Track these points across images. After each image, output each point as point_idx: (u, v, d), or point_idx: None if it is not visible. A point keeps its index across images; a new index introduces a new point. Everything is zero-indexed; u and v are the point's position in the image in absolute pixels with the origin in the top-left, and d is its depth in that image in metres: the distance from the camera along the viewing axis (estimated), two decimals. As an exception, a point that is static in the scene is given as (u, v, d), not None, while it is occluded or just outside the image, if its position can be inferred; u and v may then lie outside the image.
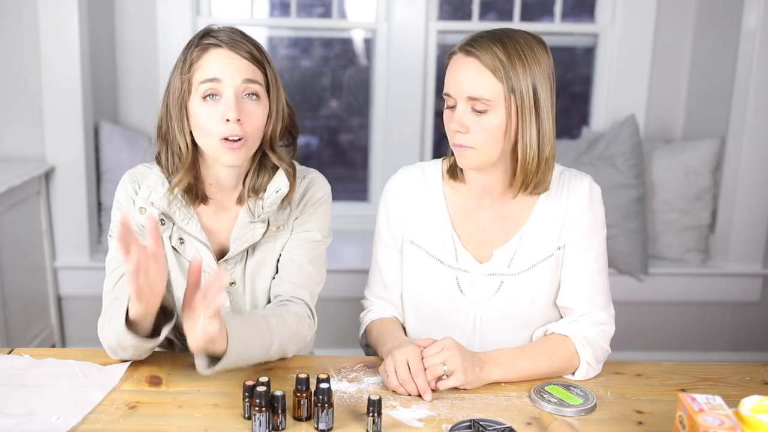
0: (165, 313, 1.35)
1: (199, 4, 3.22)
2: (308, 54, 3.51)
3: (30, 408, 1.26)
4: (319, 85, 3.49)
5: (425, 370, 1.34)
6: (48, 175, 2.93)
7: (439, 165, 1.60)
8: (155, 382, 1.38)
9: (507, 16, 3.35)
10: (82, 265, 3.00)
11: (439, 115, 3.33)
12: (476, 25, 3.31)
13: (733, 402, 1.09)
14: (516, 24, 3.30)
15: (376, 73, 3.33)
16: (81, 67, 2.85)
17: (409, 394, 1.34)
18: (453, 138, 1.44)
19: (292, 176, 1.50)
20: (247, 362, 1.37)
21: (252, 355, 1.37)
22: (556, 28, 3.36)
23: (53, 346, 2.99)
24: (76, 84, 2.85)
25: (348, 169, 3.60)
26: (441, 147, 3.37)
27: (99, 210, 3.11)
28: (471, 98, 1.40)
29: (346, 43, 3.47)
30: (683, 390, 1.41)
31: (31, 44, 2.85)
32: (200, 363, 1.29)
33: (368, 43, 3.38)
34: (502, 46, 1.40)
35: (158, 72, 3.19)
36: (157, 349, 1.54)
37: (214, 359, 1.31)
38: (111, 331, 1.36)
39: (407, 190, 1.59)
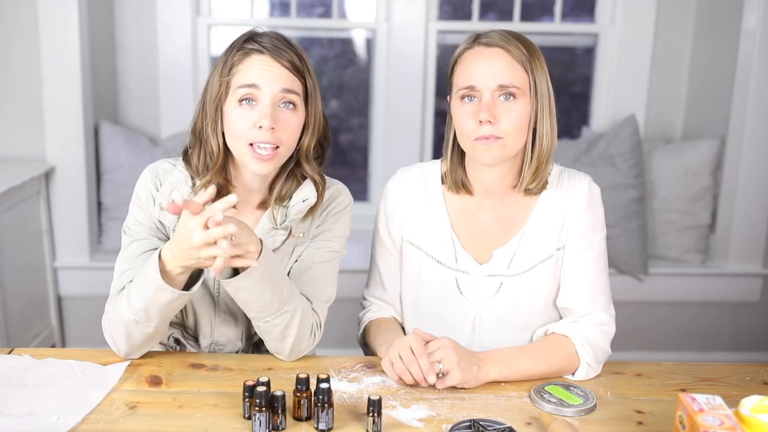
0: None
1: (199, 4, 3.22)
2: (308, 54, 3.50)
3: (30, 408, 1.26)
4: (319, 85, 3.48)
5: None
6: (48, 175, 2.93)
7: (438, 166, 1.60)
8: (155, 382, 1.38)
9: (507, 16, 3.35)
10: (82, 265, 3.00)
11: (439, 115, 3.33)
12: (476, 25, 3.31)
13: (733, 402, 1.09)
14: (516, 24, 3.30)
15: (376, 73, 3.33)
16: (81, 67, 2.85)
17: (413, 382, 1.34)
18: (478, 131, 1.42)
19: (321, 187, 1.49)
20: (269, 288, 1.38)
21: (275, 285, 1.38)
22: (556, 28, 3.35)
23: (53, 346, 2.99)
24: (76, 84, 2.85)
25: (348, 169, 3.60)
26: (441, 147, 3.36)
27: (99, 210, 3.11)
28: (502, 86, 1.41)
29: (346, 43, 3.47)
30: (683, 390, 1.41)
31: (31, 44, 2.85)
32: (226, 269, 1.36)
33: (368, 43, 3.38)
34: (521, 42, 1.44)
35: (158, 72, 3.20)
36: (157, 349, 1.54)
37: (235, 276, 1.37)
38: (135, 301, 1.36)
39: (406, 191, 1.58)
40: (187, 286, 1.38)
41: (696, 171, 3.11)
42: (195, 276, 1.39)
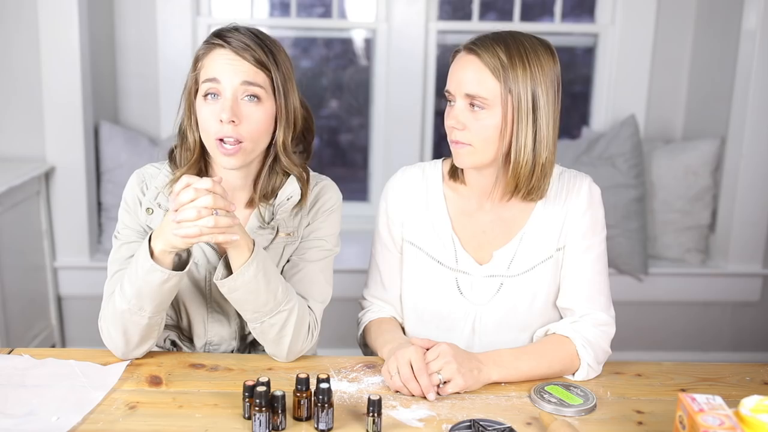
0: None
1: (199, 4, 3.22)
2: (308, 54, 3.51)
3: (30, 408, 1.26)
4: (319, 85, 3.49)
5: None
6: (48, 175, 2.93)
7: (440, 165, 1.60)
8: (155, 382, 1.38)
9: (507, 16, 3.35)
10: (82, 265, 3.00)
11: (439, 114, 3.34)
12: (476, 25, 3.31)
13: (733, 402, 1.09)
14: (516, 24, 3.30)
15: (376, 73, 3.33)
16: (81, 67, 2.85)
17: (412, 395, 1.34)
18: (450, 134, 1.45)
19: (305, 182, 1.49)
20: (264, 287, 1.38)
21: (269, 284, 1.38)
22: (556, 28, 3.36)
23: (53, 346, 2.99)
24: (76, 84, 2.85)
25: (348, 169, 3.60)
26: (441, 147, 3.37)
27: (99, 210, 3.11)
28: (468, 95, 1.41)
29: (346, 43, 3.47)
30: (683, 390, 1.41)
31: (31, 44, 2.85)
32: (220, 268, 1.37)
33: (368, 43, 3.38)
34: (505, 47, 1.40)
35: (158, 72, 3.20)
36: (157, 349, 1.54)
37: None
38: (127, 288, 1.36)
39: (407, 191, 1.58)
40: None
41: (696, 171, 3.11)
42: (186, 261, 1.39)
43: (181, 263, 1.38)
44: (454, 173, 1.56)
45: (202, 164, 1.48)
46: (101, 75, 3.08)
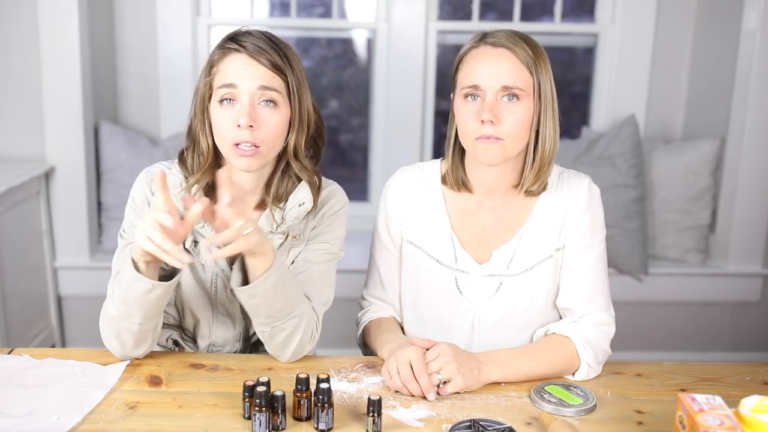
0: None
1: (199, 4, 3.22)
2: (308, 54, 3.51)
3: (30, 408, 1.26)
4: (319, 85, 3.49)
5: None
6: (48, 175, 2.94)
7: (438, 165, 1.60)
8: (155, 382, 1.38)
9: (507, 16, 3.35)
10: (82, 265, 3.00)
11: (439, 114, 3.33)
12: (476, 25, 3.31)
13: (733, 402, 1.09)
14: (516, 24, 3.30)
15: (376, 73, 3.33)
16: (81, 67, 2.85)
17: (412, 395, 1.34)
18: (479, 130, 1.42)
19: (316, 188, 1.49)
20: (281, 294, 1.38)
21: (285, 291, 1.39)
22: (556, 28, 3.36)
23: (53, 346, 3.00)
24: (76, 84, 2.85)
25: (348, 169, 3.60)
26: (441, 147, 3.37)
27: (99, 210, 3.11)
28: (506, 87, 1.41)
29: (346, 43, 3.47)
30: (683, 390, 1.41)
31: (31, 44, 2.85)
32: (235, 275, 1.37)
33: (368, 43, 3.38)
34: (526, 43, 1.44)
35: (158, 72, 3.20)
36: (157, 349, 1.54)
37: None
38: (117, 295, 1.36)
39: (406, 191, 1.58)
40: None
41: (696, 171, 3.11)
42: (172, 273, 1.38)
43: (168, 274, 1.37)
44: (452, 182, 1.55)
45: (212, 176, 1.46)
46: (101, 75, 3.08)
